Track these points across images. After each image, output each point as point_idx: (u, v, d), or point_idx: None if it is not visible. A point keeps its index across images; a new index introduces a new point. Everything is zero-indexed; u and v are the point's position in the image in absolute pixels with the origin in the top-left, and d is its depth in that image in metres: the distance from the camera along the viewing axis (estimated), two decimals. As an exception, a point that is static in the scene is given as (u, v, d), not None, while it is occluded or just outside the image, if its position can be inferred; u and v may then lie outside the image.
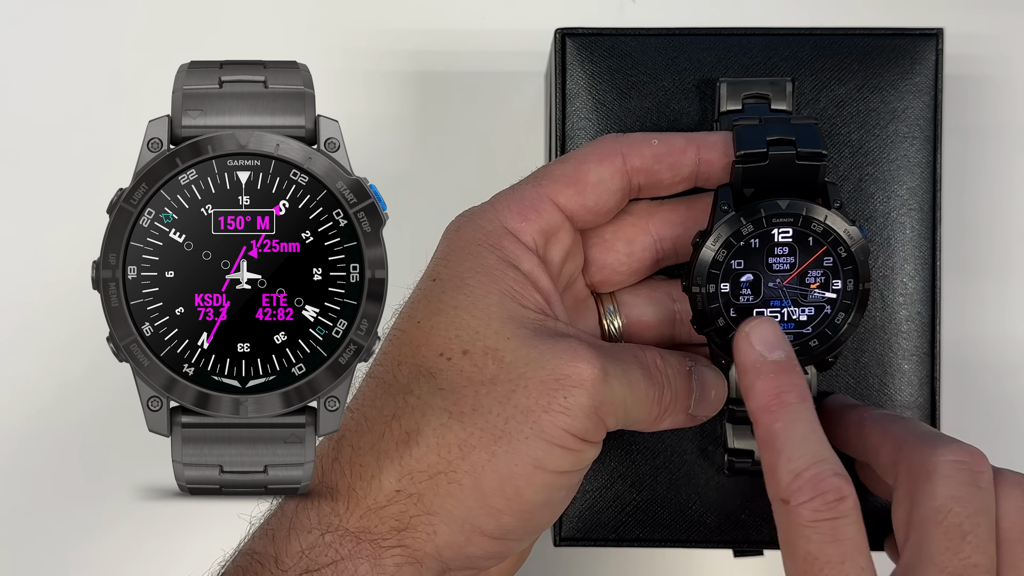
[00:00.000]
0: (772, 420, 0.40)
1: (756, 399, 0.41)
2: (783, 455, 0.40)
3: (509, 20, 0.60)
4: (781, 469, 0.39)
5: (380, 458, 0.39)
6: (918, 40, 0.50)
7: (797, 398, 0.41)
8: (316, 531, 0.39)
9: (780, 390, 0.41)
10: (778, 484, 0.40)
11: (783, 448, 0.40)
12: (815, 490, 0.39)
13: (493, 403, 0.39)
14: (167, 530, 0.61)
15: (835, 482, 0.39)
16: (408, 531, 0.39)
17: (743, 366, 0.42)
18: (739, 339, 0.42)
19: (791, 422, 0.40)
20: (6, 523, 0.61)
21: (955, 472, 0.40)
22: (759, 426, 0.41)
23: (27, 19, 0.61)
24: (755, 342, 0.41)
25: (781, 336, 0.42)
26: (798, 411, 0.40)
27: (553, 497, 0.41)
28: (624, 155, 0.43)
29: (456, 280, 0.41)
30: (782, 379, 0.41)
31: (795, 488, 0.39)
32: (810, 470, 0.39)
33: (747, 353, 0.41)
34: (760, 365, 0.41)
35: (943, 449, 0.41)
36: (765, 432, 0.40)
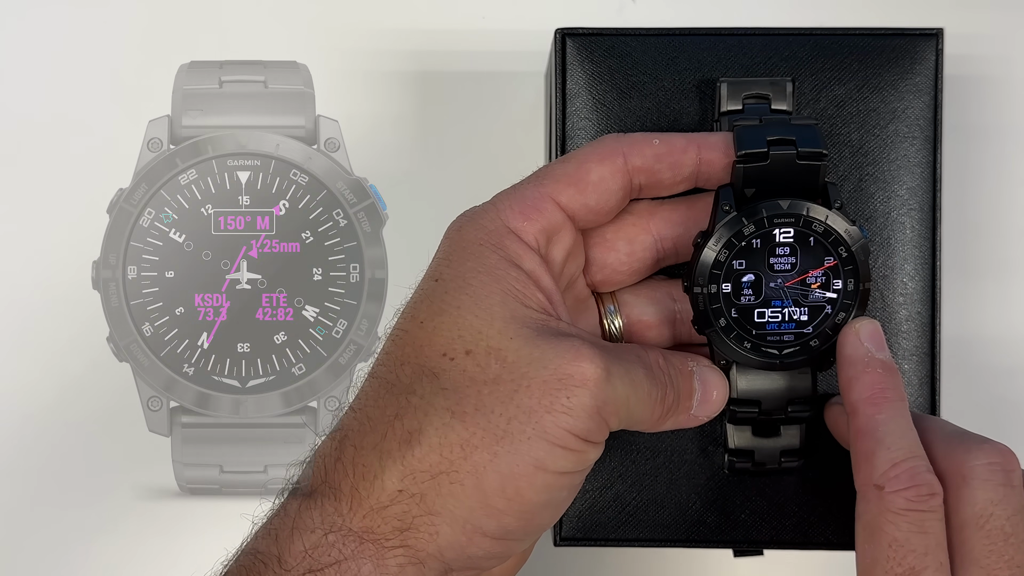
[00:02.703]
0: (875, 411, 0.42)
1: (860, 391, 0.43)
2: (883, 444, 0.42)
3: (509, 20, 0.60)
4: (880, 457, 0.41)
5: (383, 458, 0.39)
6: (918, 40, 0.50)
7: (898, 397, 0.43)
8: (319, 531, 0.39)
9: (885, 386, 0.43)
10: (873, 470, 0.41)
11: (884, 438, 0.42)
12: (911, 481, 0.41)
13: (496, 403, 0.39)
14: (167, 530, 0.61)
15: (929, 478, 0.41)
16: (411, 531, 0.39)
17: (850, 359, 0.43)
18: (849, 334, 0.44)
19: (893, 416, 0.42)
20: (6, 523, 0.61)
21: (991, 475, 0.42)
22: (859, 416, 0.43)
23: (26, 19, 0.61)
24: (864, 339, 0.44)
25: (884, 339, 0.44)
26: (899, 408, 0.43)
27: (554, 497, 0.41)
28: (625, 155, 0.43)
29: (458, 280, 0.41)
30: (887, 377, 0.43)
31: (892, 476, 0.41)
32: (908, 462, 0.41)
33: (856, 348, 0.43)
34: (868, 360, 0.43)
35: (976, 452, 0.42)
36: (866, 422, 0.42)
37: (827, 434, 0.49)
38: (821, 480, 0.50)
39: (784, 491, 0.50)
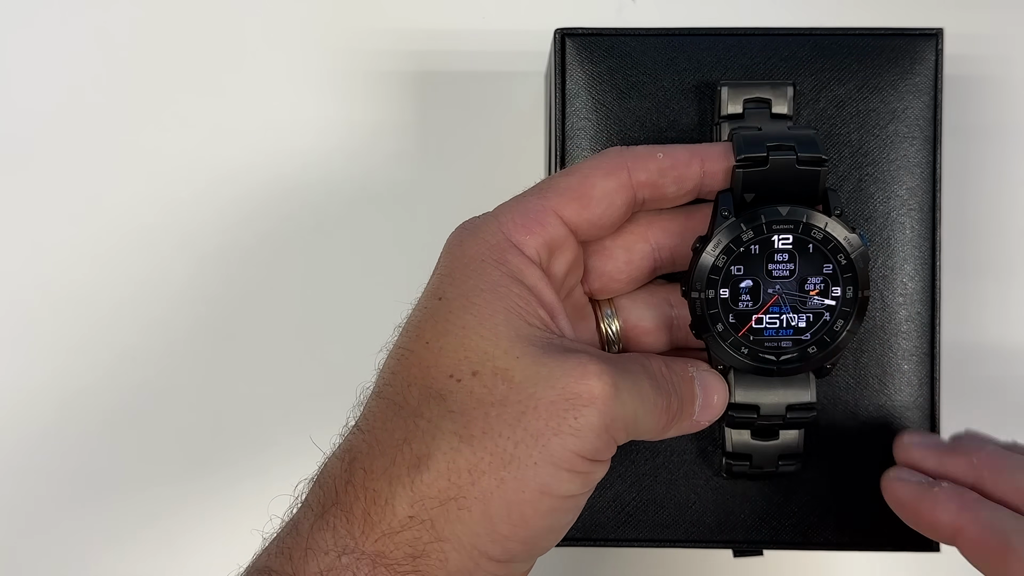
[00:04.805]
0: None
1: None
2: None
3: (509, 20, 0.60)
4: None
5: (392, 483, 0.39)
6: (918, 40, 0.50)
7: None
8: (333, 553, 0.39)
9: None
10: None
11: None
12: None
13: (503, 426, 0.39)
14: (174, 542, 0.61)
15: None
16: (422, 558, 0.39)
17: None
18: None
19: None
20: (6, 523, 0.61)
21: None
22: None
23: (25, 20, 0.61)
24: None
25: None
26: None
27: (558, 522, 0.41)
28: (630, 169, 0.43)
29: (462, 299, 0.41)
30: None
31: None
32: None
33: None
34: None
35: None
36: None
37: (827, 435, 0.49)
38: (821, 480, 0.50)
39: (784, 491, 0.50)
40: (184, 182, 0.61)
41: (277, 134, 0.61)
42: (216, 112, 0.61)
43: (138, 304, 0.61)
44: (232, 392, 0.61)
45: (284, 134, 0.61)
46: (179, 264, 0.61)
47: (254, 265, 0.61)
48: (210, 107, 0.61)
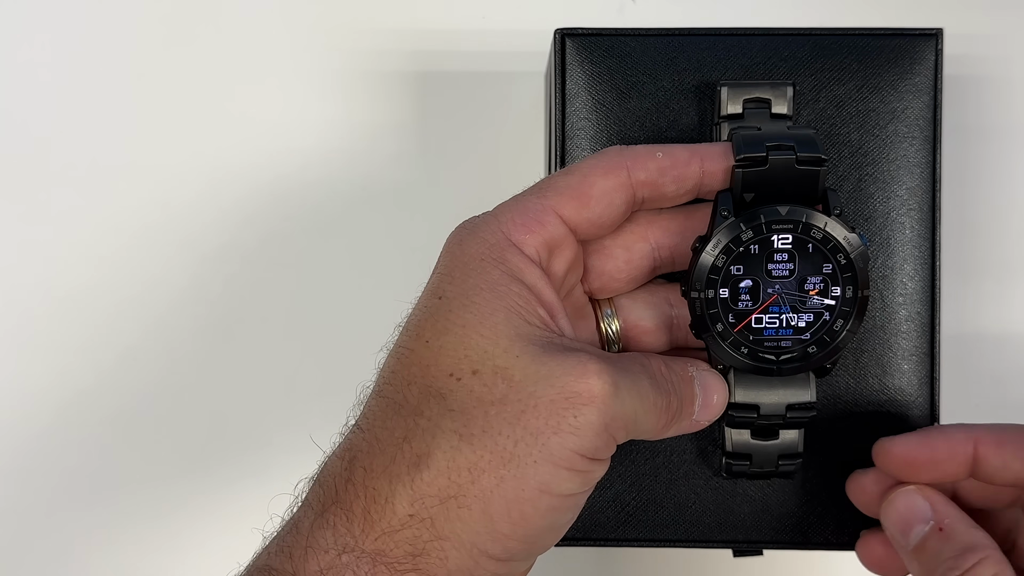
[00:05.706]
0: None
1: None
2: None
3: (509, 20, 0.60)
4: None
5: (392, 481, 0.39)
6: (917, 40, 0.49)
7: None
8: (333, 551, 0.39)
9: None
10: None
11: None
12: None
13: (503, 424, 0.39)
14: (173, 541, 0.61)
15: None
16: (422, 557, 0.39)
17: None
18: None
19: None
20: (7, 523, 0.61)
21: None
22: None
23: (26, 20, 0.61)
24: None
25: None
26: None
27: (558, 520, 0.41)
28: (629, 168, 0.43)
29: (462, 298, 0.41)
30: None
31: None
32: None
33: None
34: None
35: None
36: None
37: (827, 435, 0.49)
38: (821, 480, 0.50)
39: (784, 491, 0.50)
40: (185, 183, 0.61)
41: (277, 134, 0.61)
42: (216, 112, 0.61)
43: (139, 304, 0.61)
44: (232, 391, 0.61)
45: (284, 134, 0.61)
46: (180, 264, 0.61)
47: (255, 265, 0.61)
48: (210, 107, 0.61)
